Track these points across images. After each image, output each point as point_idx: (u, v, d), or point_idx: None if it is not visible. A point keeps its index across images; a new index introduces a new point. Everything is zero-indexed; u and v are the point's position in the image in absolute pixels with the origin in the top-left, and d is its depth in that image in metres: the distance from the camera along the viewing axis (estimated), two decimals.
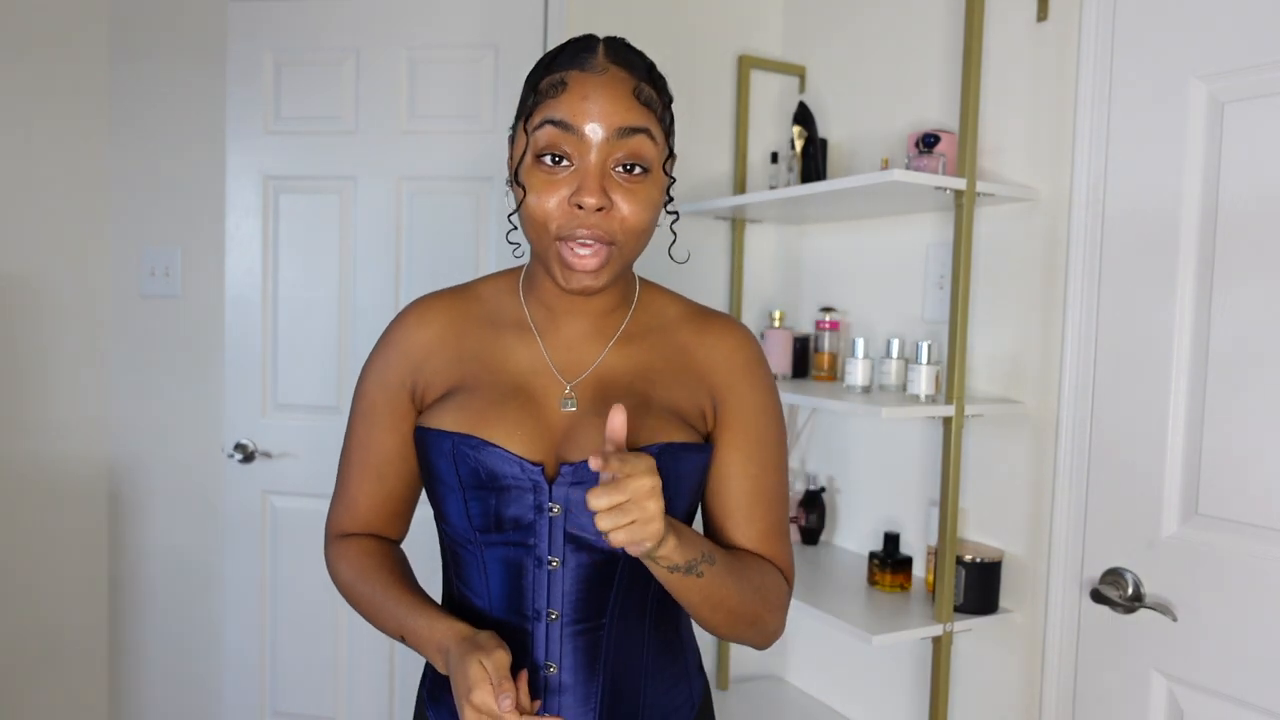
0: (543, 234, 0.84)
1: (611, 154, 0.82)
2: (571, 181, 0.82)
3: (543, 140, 0.82)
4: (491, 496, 0.88)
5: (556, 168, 0.83)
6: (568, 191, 0.82)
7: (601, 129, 0.81)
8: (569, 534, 0.88)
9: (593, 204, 0.81)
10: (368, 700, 2.11)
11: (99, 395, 2.24)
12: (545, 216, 0.83)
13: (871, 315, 1.96)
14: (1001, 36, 1.65)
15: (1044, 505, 1.57)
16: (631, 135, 0.82)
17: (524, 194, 0.84)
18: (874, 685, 1.94)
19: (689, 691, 0.99)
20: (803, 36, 2.17)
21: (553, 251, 0.84)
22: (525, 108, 0.86)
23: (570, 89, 0.82)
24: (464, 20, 2.02)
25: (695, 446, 0.90)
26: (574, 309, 0.93)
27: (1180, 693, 1.35)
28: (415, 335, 0.95)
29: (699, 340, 0.96)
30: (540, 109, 0.83)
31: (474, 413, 0.89)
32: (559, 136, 0.82)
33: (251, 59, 2.07)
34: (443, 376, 0.93)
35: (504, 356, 0.93)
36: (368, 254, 2.07)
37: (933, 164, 1.60)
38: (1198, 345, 1.33)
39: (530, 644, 0.90)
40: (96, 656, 2.28)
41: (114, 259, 2.24)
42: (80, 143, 2.19)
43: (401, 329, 0.96)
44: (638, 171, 0.83)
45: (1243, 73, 1.27)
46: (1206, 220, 1.32)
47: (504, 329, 0.95)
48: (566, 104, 0.82)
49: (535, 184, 0.83)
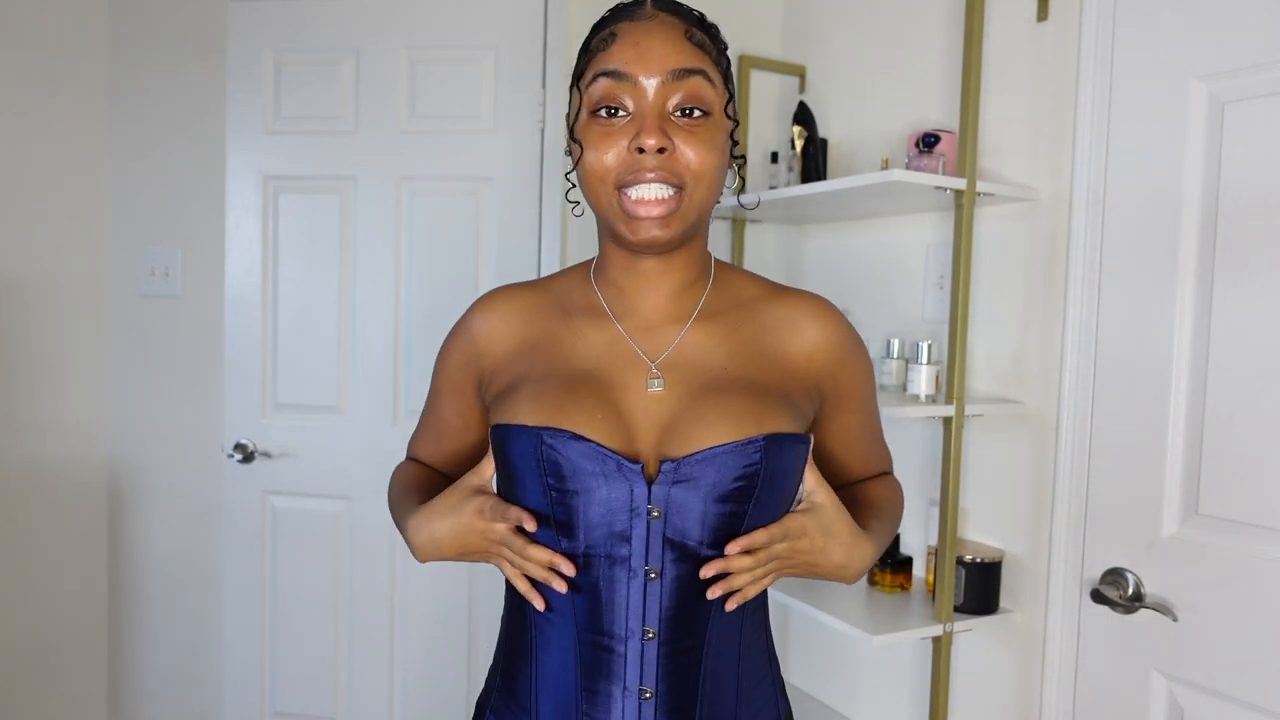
0: (602, 189, 0.81)
1: (668, 97, 0.79)
2: (629, 130, 0.79)
3: (597, 93, 0.80)
4: (577, 498, 0.80)
5: (613, 119, 0.80)
6: (625, 140, 0.79)
7: (656, 72, 0.78)
8: (669, 540, 0.80)
9: (653, 144, 0.77)
10: (368, 700, 2.10)
11: (99, 395, 2.24)
12: (604, 169, 0.79)
13: (871, 315, 1.96)
14: (1001, 36, 1.65)
15: (1044, 505, 1.57)
16: (687, 77, 0.79)
17: (581, 151, 0.81)
18: (874, 685, 1.94)
19: (776, 714, 0.92)
20: (803, 36, 2.17)
21: (615, 206, 0.80)
22: (579, 69, 0.84)
23: (620, 39, 0.80)
24: (464, 20, 2.02)
25: (798, 438, 0.84)
26: (647, 286, 0.88)
27: (1180, 693, 1.35)
28: (479, 322, 0.94)
29: (790, 320, 0.90)
30: (592, 64, 0.81)
31: (548, 401, 0.82)
32: (613, 87, 0.79)
33: (251, 59, 2.07)
34: (508, 364, 0.90)
35: (575, 340, 0.88)
36: (368, 254, 2.07)
37: (933, 164, 1.60)
38: (1198, 345, 1.33)
39: (622, 667, 0.81)
40: (96, 656, 2.28)
41: (114, 259, 2.24)
42: (80, 143, 2.19)
43: (468, 316, 0.96)
44: (697, 115, 0.80)
45: (1243, 73, 1.27)
46: (1207, 220, 1.32)
47: (574, 314, 0.90)
48: (618, 54, 0.79)
49: (592, 138, 0.80)
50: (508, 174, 2.01)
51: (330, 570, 2.11)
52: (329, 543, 2.11)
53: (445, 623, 2.08)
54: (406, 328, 2.07)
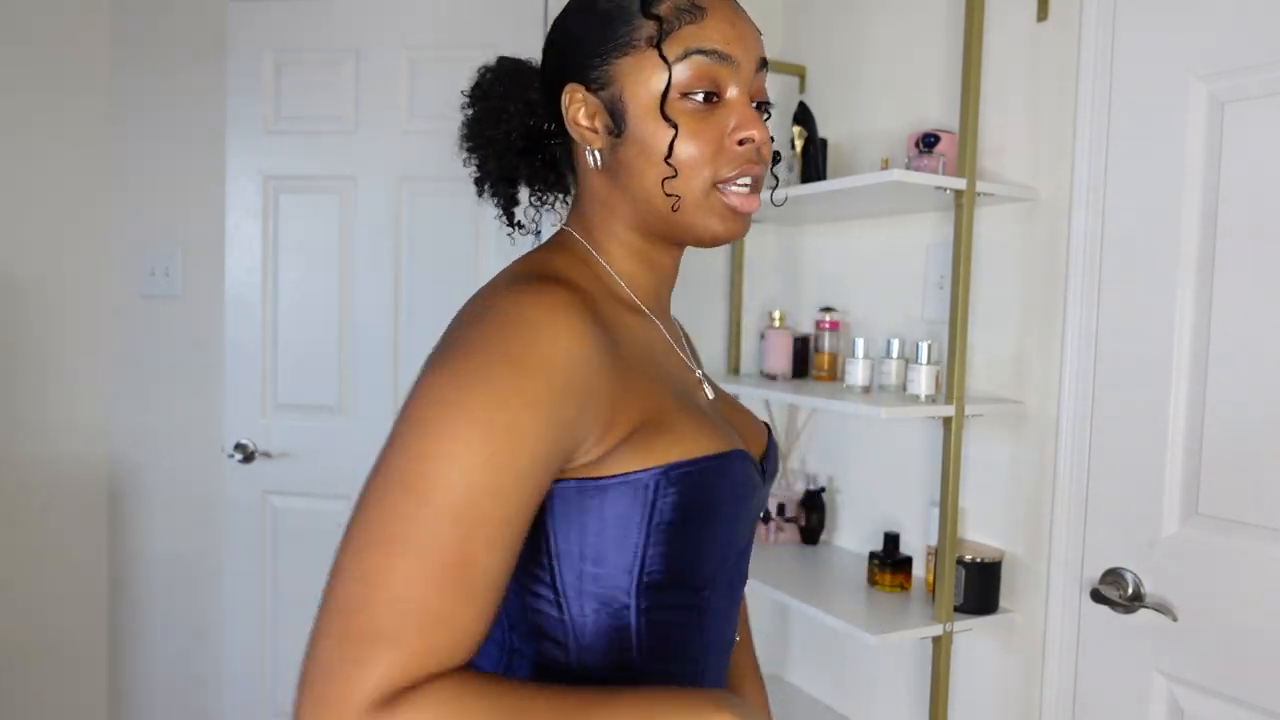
0: (695, 180, 0.71)
1: (752, 87, 0.73)
2: (724, 118, 0.71)
3: (694, 73, 0.69)
4: (725, 527, 0.72)
5: (709, 105, 0.71)
6: (722, 129, 0.71)
7: (753, 59, 0.72)
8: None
9: (761, 139, 0.72)
10: None
11: (99, 396, 2.24)
12: (704, 160, 0.70)
13: (871, 315, 1.96)
14: (1001, 36, 1.65)
15: (1044, 505, 1.57)
16: (764, 69, 0.74)
17: (674, 134, 0.70)
18: (874, 685, 1.94)
19: None
20: (803, 36, 2.17)
21: (712, 199, 0.72)
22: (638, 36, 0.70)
23: (712, 14, 0.70)
24: (464, 20, 2.02)
25: None
26: (663, 281, 0.80)
27: (1180, 693, 1.35)
28: (586, 350, 0.64)
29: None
30: (678, 36, 0.69)
31: (699, 420, 0.71)
32: (714, 69, 0.70)
33: (251, 59, 2.07)
34: (627, 390, 0.68)
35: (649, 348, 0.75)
36: (368, 254, 2.07)
37: (933, 164, 1.60)
38: (1198, 345, 1.33)
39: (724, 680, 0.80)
40: (96, 656, 2.28)
41: (114, 259, 2.24)
42: (80, 143, 2.19)
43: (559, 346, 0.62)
44: (765, 113, 0.75)
45: (1243, 73, 1.27)
46: (1207, 220, 1.32)
47: (624, 313, 0.76)
48: (716, 31, 0.70)
49: (691, 124, 0.70)
50: None
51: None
52: (329, 543, 2.11)
53: None
54: (406, 328, 2.07)
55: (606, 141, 0.73)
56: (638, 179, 0.72)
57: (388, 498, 0.56)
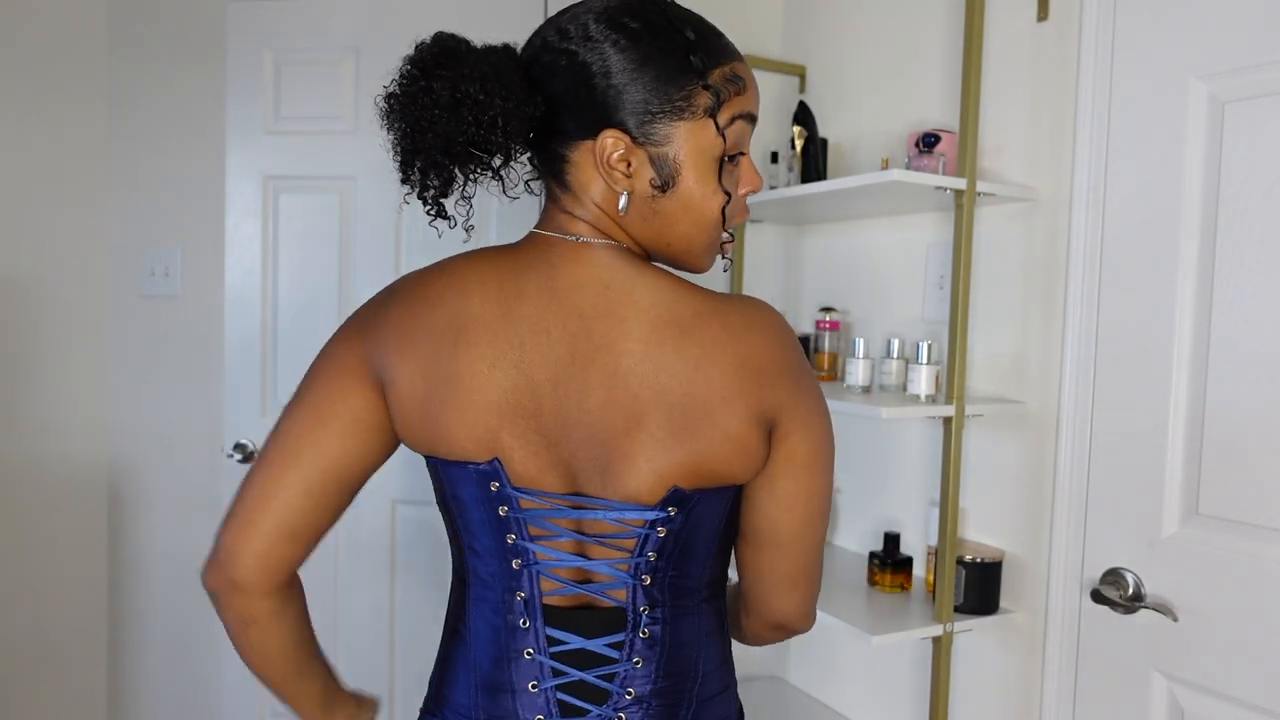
0: (715, 230, 0.82)
1: None
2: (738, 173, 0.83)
3: (733, 139, 0.80)
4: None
5: (733, 163, 0.82)
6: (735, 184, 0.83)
7: None
8: None
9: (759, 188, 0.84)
10: None
11: (99, 395, 2.24)
12: (736, 213, 0.83)
13: (871, 315, 1.96)
14: (1001, 36, 1.65)
15: (1044, 505, 1.57)
16: None
17: (726, 200, 0.81)
18: (874, 685, 1.94)
19: None
20: (803, 36, 2.17)
21: (714, 243, 0.83)
22: (695, 104, 0.78)
23: (748, 82, 0.81)
24: (464, 20, 2.02)
25: None
26: None
27: (1180, 693, 1.35)
28: None
29: None
30: (731, 105, 0.79)
31: None
32: (746, 130, 0.81)
33: (251, 59, 2.07)
34: None
35: None
36: (368, 254, 2.07)
37: (933, 164, 1.60)
38: (1198, 345, 1.33)
39: None
40: (96, 656, 2.28)
41: (114, 259, 2.24)
42: (80, 143, 2.19)
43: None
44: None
45: (1243, 73, 1.27)
46: (1207, 220, 1.32)
47: None
48: (752, 96, 0.82)
49: (734, 181, 0.82)
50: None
51: (330, 570, 2.11)
52: (328, 543, 2.11)
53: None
54: None
55: (645, 190, 0.78)
56: (672, 228, 0.80)
57: None
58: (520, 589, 0.81)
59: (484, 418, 0.77)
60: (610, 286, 0.78)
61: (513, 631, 0.81)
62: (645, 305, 0.77)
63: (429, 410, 0.77)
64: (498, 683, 0.81)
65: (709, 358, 0.76)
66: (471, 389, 0.76)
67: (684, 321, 0.77)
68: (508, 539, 0.80)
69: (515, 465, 0.78)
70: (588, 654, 0.81)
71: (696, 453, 0.76)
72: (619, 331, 0.76)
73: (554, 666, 0.80)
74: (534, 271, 0.79)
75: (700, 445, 0.76)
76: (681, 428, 0.76)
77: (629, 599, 0.81)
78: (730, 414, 0.76)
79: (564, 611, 0.80)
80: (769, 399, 0.78)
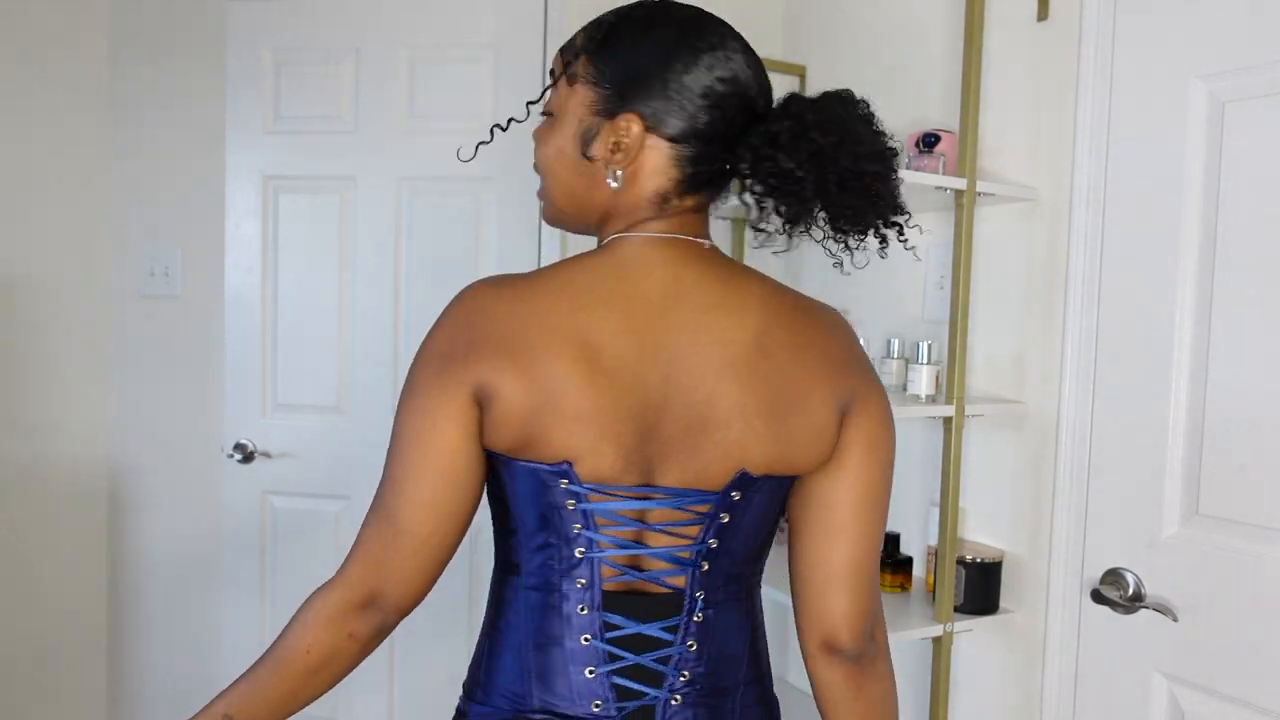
0: None
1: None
2: None
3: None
4: None
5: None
6: None
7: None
8: None
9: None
10: (368, 700, 2.10)
11: (99, 395, 2.24)
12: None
13: (871, 315, 1.96)
14: (1001, 36, 1.65)
15: (1044, 505, 1.57)
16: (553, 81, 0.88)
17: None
18: None
19: None
20: (803, 36, 2.17)
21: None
22: None
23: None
24: (464, 20, 2.02)
25: None
26: None
27: (1180, 693, 1.35)
28: None
29: None
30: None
31: None
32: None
33: (251, 59, 2.07)
34: None
35: None
36: (368, 254, 2.07)
37: (933, 164, 1.60)
38: (1198, 345, 1.33)
39: None
40: (96, 656, 2.28)
41: (114, 259, 2.24)
42: (80, 143, 2.19)
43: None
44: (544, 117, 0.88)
45: (1243, 73, 1.27)
46: (1207, 220, 1.32)
47: None
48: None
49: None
50: (507, 174, 2.01)
51: (330, 570, 2.11)
52: (329, 543, 2.11)
53: (445, 622, 2.08)
54: (406, 328, 2.07)
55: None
56: None
57: None
58: (581, 577, 0.81)
59: (590, 423, 0.77)
60: (721, 280, 0.82)
61: (568, 619, 0.82)
62: (750, 298, 0.82)
63: (538, 418, 0.76)
64: (552, 669, 0.82)
65: (807, 349, 0.81)
66: (581, 397, 0.76)
67: (785, 314, 0.82)
68: (573, 528, 0.80)
69: (602, 462, 0.78)
70: (643, 638, 0.82)
71: (784, 440, 0.80)
72: (729, 323, 0.80)
73: (610, 651, 0.81)
74: (634, 271, 0.81)
75: (788, 432, 0.80)
76: (775, 416, 0.79)
77: (686, 584, 0.82)
78: (818, 402, 0.80)
79: (619, 597, 0.82)
80: (846, 386, 0.83)
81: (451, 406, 0.77)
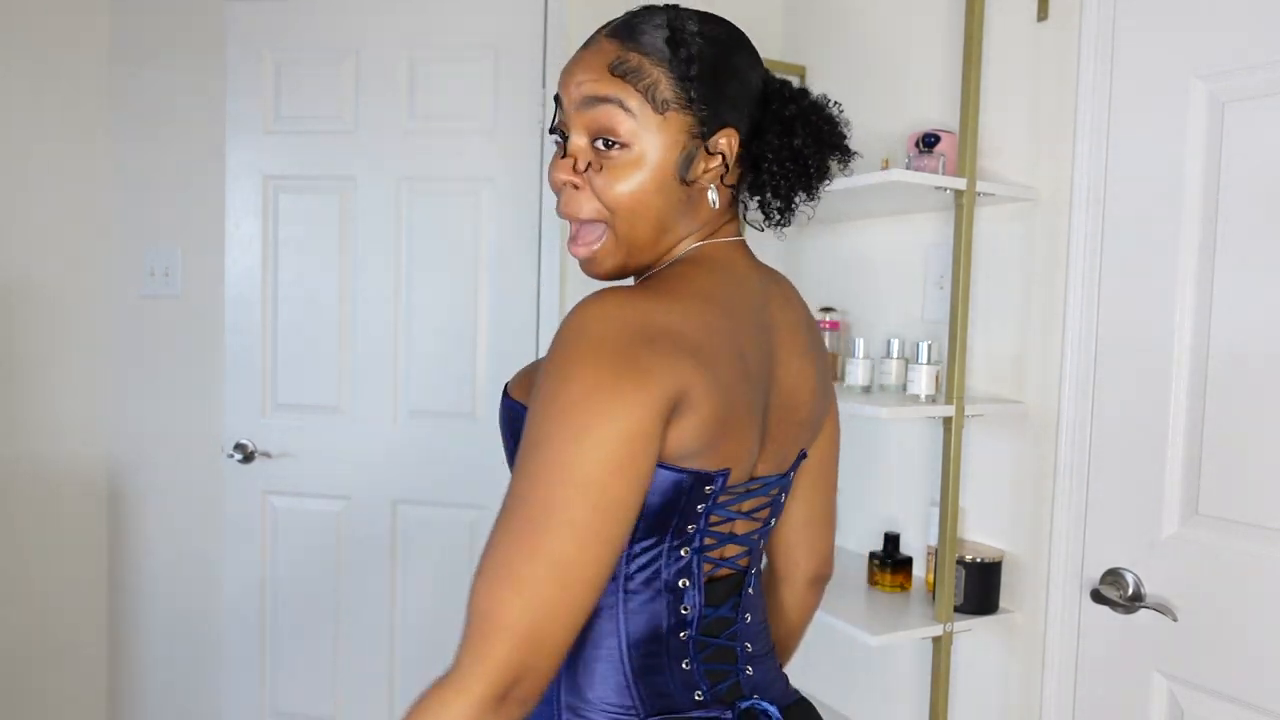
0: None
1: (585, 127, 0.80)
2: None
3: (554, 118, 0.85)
4: None
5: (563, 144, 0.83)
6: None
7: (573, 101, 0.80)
8: None
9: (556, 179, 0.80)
10: (367, 700, 2.10)
11: (99, 395, 2.24)
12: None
13: (871, 315, 1.96)
14: (1001, 36, 1.65)
15: (1044, 505, 1.57)
16: (595, 106, 0.78)
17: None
18: (874, 685, 1.94)
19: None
20: (803, 36, 2.17)
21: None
22: None
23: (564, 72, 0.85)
24: (464, 20, 2.02)
25: None
26: None
27: (1180, 693, 1.35)
28: None
29: None
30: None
31: None
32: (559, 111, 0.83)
33: (251, 59, 2.07)
34: None
35: None
36: (368, 254, 2.07)
37: (933, 164, 1.60)
38: (1198, 345, 1.33)
39: None
40: (96, 656, 2.28)
41: (114, 259, 2.24)
42: (80, 143, 2.19)
43: None
44: (615, 148, 0.78)
45: (1243, 73, 1.27)
46: (1207, 220, 1.32)
47: None
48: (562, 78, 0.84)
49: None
50: (508, 174, 2.01)
51: (330, 570, 2.11)
52: (329, 543, 2.11)
53: (445, 622, 2.08)
54: (406, 327, 2.07)
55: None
56: None
57: None
58: (685, 575, 0.81)
59: (747, 429, 0.78)
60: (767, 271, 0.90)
61: (665, 617, 0.80)
62: (797, 303, 0.91)
63: (721, 427, 0.74)
64: (652, 669, 0.80)
65: (812, 324, 0.92)
66: (743, 405, 0.76)
67: (790, 293, 0.91)
68: (688, 529, 0.78)
69: (745, 465, 0.80)
70: (719, 620, 0.84)
71: (824, 414, 0.92)
72: (793, 315, 0.88)
73: (699, 640, 0.82)
74: (742, 276, 0.85)
75: (827, 405, 0.93)
76: (825, 394, 0.91)
77: (749, 563, 0.87)
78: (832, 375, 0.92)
79: (706, 586, 0.85)
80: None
81: (654, 425, 0.68)
